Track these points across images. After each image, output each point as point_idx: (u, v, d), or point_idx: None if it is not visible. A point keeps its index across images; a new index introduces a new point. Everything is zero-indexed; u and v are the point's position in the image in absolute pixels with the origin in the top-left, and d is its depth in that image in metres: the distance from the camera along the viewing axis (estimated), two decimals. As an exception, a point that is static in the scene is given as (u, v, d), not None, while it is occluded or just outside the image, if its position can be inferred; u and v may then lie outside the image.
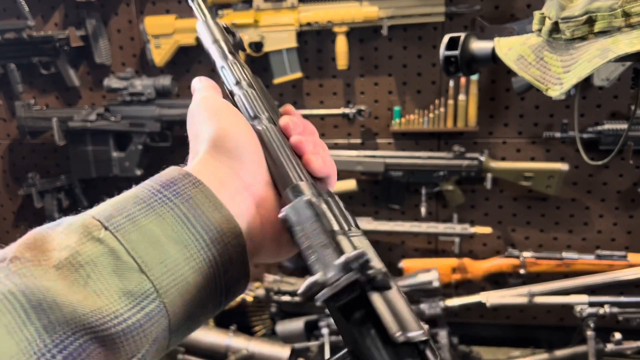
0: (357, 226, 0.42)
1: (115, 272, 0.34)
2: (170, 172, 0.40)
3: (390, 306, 0.32)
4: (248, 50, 2.13)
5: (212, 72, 2.37)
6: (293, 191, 0.43)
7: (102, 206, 0.37)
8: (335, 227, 0.39)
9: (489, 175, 2.06)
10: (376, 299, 0.33)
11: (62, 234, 0.35)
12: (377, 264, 0.35)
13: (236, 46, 0.59)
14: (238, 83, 0.53)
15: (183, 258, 0.36)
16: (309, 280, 0.33)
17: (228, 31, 0.60)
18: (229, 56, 0.56)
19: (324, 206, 0.41)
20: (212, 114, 0.47)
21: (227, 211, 0.40)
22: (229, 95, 0.54)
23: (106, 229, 0.35)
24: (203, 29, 0.59)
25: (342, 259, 0.33)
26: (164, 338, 0.35)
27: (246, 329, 2.27)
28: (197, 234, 0.37)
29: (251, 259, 0.42)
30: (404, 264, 2.16)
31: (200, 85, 0.52)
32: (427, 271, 1.96)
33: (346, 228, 0.40)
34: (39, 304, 0.30)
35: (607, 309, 1.87)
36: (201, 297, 0.37)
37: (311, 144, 0.48)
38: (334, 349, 2.04)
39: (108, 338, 0.32)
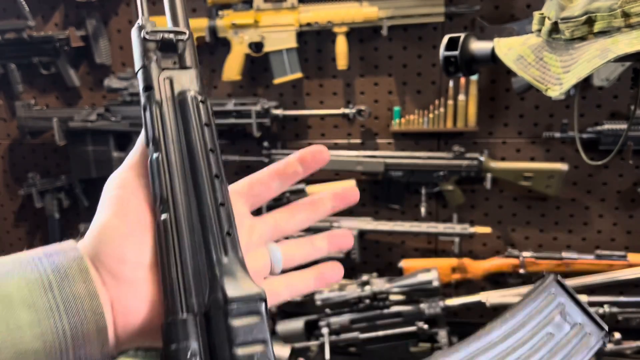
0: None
1: None
2: (64, 243, 0.41)
3: None
4: (248, 51, 2.13)
5: (212, 72, 2.36)
6: (166, 331, 0.37)
7: None
8: None
9: (489, 175, 2.07)
10: None
11: None
12: None
13: (167, 47, 0.45)
14: (148, 144, 0.43)
15: (28, 321, 0.36)
16: None
17: (166, 43, 0.45)
18: (148, 95, 0.44)
19: None
20: (111, 203, 0.43)
21: (94, 289, 0.38)
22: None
23: None
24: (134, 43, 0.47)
25: None
26: None
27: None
28: (54, 301, 0.37)
29: (117, 346, 0.41)
30: (403, 263, 2.16)
31: (135, 147, 0.45)
32: (427, 271, 1.96)
33: None
34: None
35: (606, 308, 1.87)
36: None
37: None
38: (334, 349, 2.04)
39: None
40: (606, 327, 0.43)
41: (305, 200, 0.52)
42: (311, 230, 2.04)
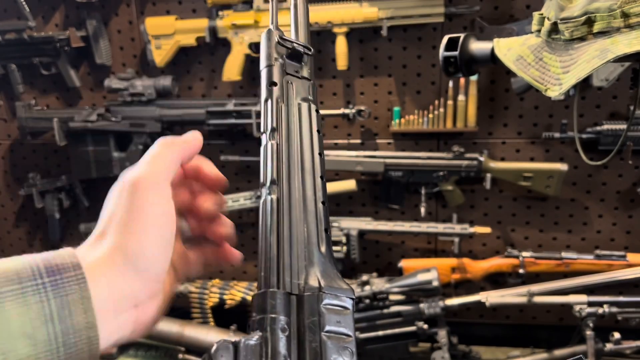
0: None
1: None
2: (64, 255, 0.38)
3: None
4: (248, 51, 2.14)
5: (212, 73, 2.36)
6: (259, 301, 0.38)
7: None
8: None
9: (489, 176, 2.07)
10: None
11: None
12: None
13: (293, 57, 0.51)
14: (264, 132, 0.47)
15: (26, 354, 0.35)
16: None
17: (285, 45, 0.51)
18: (270, 90, 0.49)
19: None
20: (135, 206, 0.42)
21: (93, 320, 0.37)
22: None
23: None
24: (262, 43, 0.53)
25: None
26: None
27: (246, 329, 2.27)
28: (53, 334, 0.36)
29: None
30: (403, 263, 2.16)
31: (155, 150, 0.45)
32: (427, 271, 1.97)
33: None
34: None
35: (606, 308, 1.88)
36: None
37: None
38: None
39: None
40: None
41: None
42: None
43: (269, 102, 0.48)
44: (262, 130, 0.47)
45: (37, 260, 0.37)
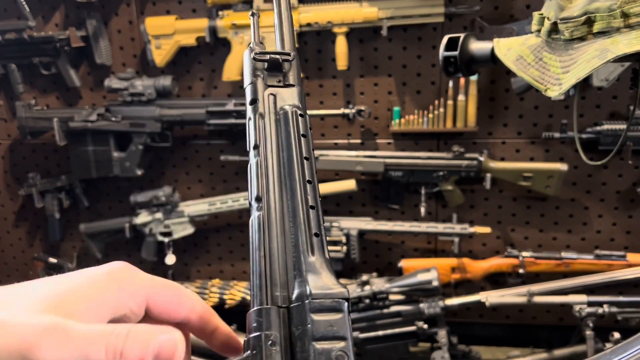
0: None
1: None
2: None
3: None
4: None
5: (212, 72, 2.36)
6: (251, 319, 0.39)
7: None
8: None
9: (489, 176, 2.07)
10: None
11: None
12: None
13: (273, 68, 0.51)
14: (249, 150, 0.48)
15: None
16: None
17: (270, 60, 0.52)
18: (252, 108, 0.50)
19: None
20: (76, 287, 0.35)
21: None
22: None
23: None
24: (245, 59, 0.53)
25: None
26: None
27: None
28: None
29: None
30: (403, 263, 2.16)
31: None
32: (427, 271, 1.97)
33: None
34: None
35: (606, 308, 1.88)
36: None
37: None
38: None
39: None
40: None
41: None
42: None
43: (251, 120, 0.49)
44: (247, 148, 0.49)
45: None
